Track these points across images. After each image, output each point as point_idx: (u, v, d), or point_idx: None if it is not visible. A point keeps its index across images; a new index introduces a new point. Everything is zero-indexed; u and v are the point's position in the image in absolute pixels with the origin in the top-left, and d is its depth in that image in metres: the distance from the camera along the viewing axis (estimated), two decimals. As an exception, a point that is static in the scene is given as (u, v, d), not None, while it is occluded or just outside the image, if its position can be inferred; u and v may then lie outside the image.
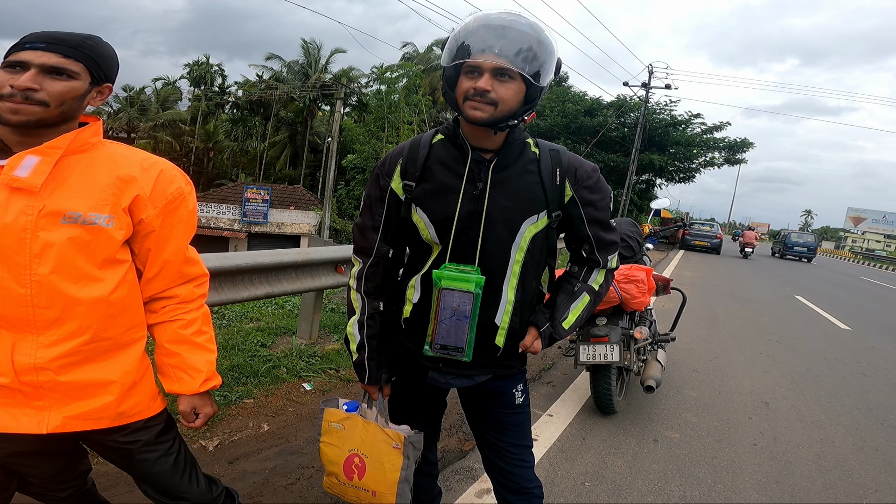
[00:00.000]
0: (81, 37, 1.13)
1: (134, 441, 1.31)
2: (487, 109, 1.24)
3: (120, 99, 38.86)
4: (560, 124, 23.82)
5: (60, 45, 1.09)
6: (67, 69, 1.09)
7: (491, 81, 1.23)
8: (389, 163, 1.44)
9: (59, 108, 1.09)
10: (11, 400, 1.15)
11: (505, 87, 1.24)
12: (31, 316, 1.11)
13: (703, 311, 7.92)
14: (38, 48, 1.08)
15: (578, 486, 2.65)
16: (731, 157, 25.06)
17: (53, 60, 1.08)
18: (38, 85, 1.06)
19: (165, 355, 1.33)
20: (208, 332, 1.37)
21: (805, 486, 2.90)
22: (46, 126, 1.11)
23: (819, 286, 14.67)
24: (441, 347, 1.36)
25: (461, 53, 1.25)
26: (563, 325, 1.49)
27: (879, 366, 5.85)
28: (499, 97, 1.23)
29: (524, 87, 1.26)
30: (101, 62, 1.16)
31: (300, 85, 34.78)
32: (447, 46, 1.29)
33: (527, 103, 1.29)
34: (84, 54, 1.12)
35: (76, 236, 1.11)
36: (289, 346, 4.04)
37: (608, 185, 1.49)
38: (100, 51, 1.16)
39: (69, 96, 1.10)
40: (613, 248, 1.52)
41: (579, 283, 1.53)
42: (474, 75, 1.24)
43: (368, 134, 20.86)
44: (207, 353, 1.35)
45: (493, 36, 1.23)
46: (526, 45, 1.23)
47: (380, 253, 1.46)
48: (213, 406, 1.40)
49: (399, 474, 1.49)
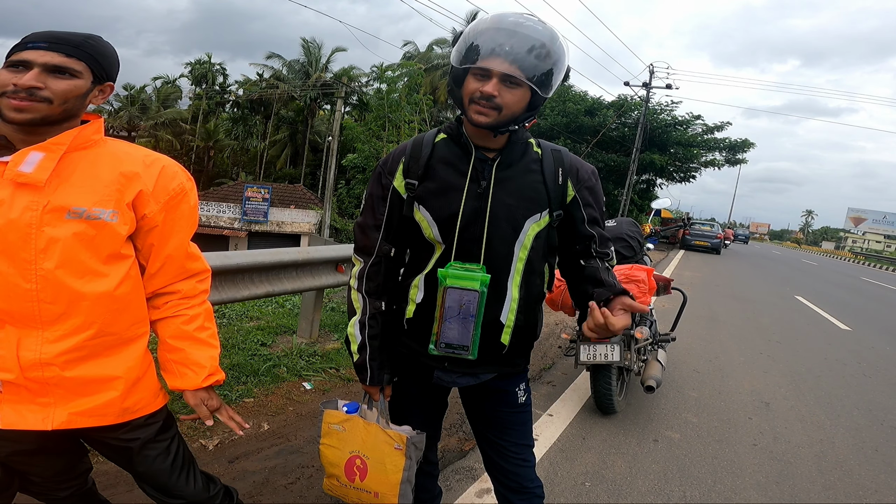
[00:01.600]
0: (83, 36, 1.14)
1: (134, 438, 1.31)
2: (491, 114, 1.24)
3: (121, 97, 38.87)
4: (560, 124, 23.80)
5: (63, 45, 1.10)
6: (70, 68, 1.10)
7: (498, 86, 1.22)
8: (392, 161, 1.44)
9: (62, 105, 1.10)
10: (17, 396, 1.15)
11: (511, 93, 1.23)
12: (37, 311, 1.11)
13: (704, 311, 7.92)
14: (40, 48, 1.08)
15: (578, 486, 2.65)
16: (732, 158, 25.04)
17: (56, 60, 1.09)
18: (41, 83, 1.07)
19: (168, 351, 1.34)
20: (211, 327, 1.38)
21: (805, 486, 2.90)
22: (50, 124, 1.12)
23: (819, 286, 14.67)
24: (446, 346, 1.36)
25: (472, 54, 1.24)
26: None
27: (880, 366, 5.84)
28: (504, 102, 1.23)
29: (529, 94, 1.26)
30: (103, 61, 1.17)
31: (301, 84, 34.77)
32: (458, 44, 1.29)
33: (530, 109, 1.29)
34: (86, 53, 1.13)
35: (81, 231, 1.12)
36: (289, 346, 4.04)
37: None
38: (101, 50, 1.17)
39: (72, 94, 1.11)
40: (610, 243, 1.52)
41: (594, 260, 1.47)
42: (483, 78, 1.24)
43: (369, 133, 20.83)
44: (210, 349, 1.36)
45: (506, 40, 1.21)
46: (538, 53, 1.22)
47: (381, 252, 1.46)
48: (218, 400, 1.40)
49: (401, 475, 1.49)
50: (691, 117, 24.43)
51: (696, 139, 24.26)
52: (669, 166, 24.96)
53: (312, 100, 35.15)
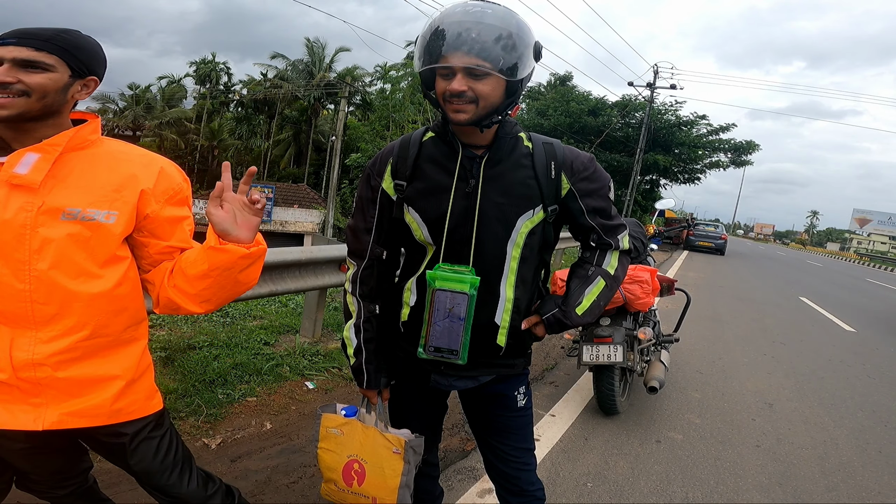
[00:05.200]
0: (55, 30, 1.13)
1: (124, 433, 1.30)
2: (469, 109, 1.21)
3: (126, 97, 38.96)
4: (563, 124, 23.73)
5: (31, 39, 1.09)
6: (41, 62, 1.09)
7: (465, 81, 1.18)
8: (380, 162, 1.41)
9: (41, 100, 1.09)
10: (9, 396, 1.15)
11: (482, 83, 1.19)
12: (30, 311, 1.12)
13: (707, 312, 7.90)
14: (9, 44, 1.08)
15: (580, 487, 2.64)
16: (737, 159, 24.89)
17: (24, 54, 1.07)
18: (13, 78, 1.06)
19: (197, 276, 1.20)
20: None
21: (808, 487, 2.89)
22: (31, 120, 1.10)
23: (824, 288, 14.60)
24: (435, 350, 1.34)
25: (431, 55, 1.20)
26: (577, 310, 1.43)
27: (884, 368, 5.82)
28: (478, 94, 1.19)
29: (503, 80, 1.21)
30: (78, 54, 1.14)
31: (304, 84, 34.82)
32: (416, 49, 1.25)
33: (509, 96, 1.25)
34: (57, 46, 1.11)
35: (75, 232, 1.12)
36: (292, 345, 4.04)
37: (607, 173, 1.44)
38: (75, 43, 1.14)
39: (49, 88, 1.10)
40: (621, 229, 1.47)
41: (593, 268, 1.47)
42: (448, 76, 1.20)
43: (373, 133, 20.85)
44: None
45: (458, 31, 1.17)
46: (497, 37, 1.17)
47: (373, 255, 1.45)
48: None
49: (400, 479, 1.47)
50: (696, 117, 24.30)
51: (700, 140, 24.13)
52: (673, 167, 24.84)
53: (316, 99, 35.20)
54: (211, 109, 39.44)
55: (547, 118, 24.14)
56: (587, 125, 23.87)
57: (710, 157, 24.75)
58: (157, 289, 1.27)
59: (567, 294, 1.47)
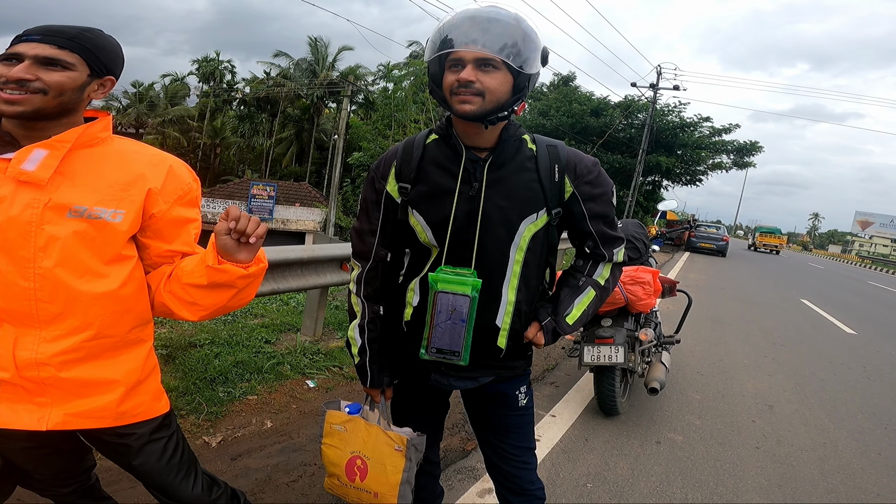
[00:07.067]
0: (79, 29, 1.13)
1: (130, 434, 1.29)
2: (475, 101, 1.22)
3: (129, 94, 39.01)
4: (566, 124, 23.69)
5: (55, 37, 1.09)
6: (62, 60, 1.08)
7: (475, 72, 1.21)
8: (384, 165, 1.42)
9: (57, 98, 1.08)
10: (13, 395, 1.14)
11: (490, 76, 1.22)
12: (34, 310, 1.10)
13: (709, 314, 7.89)
14: (33, 40, 1.07)
15: (580, 487, 2.65)
16: (740, 161, 24.83)
17: (47, 51, 1.07)
18: (32, 75, 1.05)
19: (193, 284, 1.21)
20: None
21: (807, 489, 2.89)
22: (46, 118, 1.10)
23: (825, 290, 14.58)
24: (437, 351, 1.35)
25: (443, 46, 1.24)
26: (567, 320, 1.46)
27: (885, 370, 5.81)
28: (485, 87, 1.21)
29: (510, 76, 1.24)
30: (100, 54, 1.14)
31: (307, 82, 34.84)
32: (429, 43, 1.28)
33: (515, 93, 1.26)
34: (80, 45, 1.11)
35: (81, 230, 1.11)
36: (293, 343, 4.05)
37: (610, 179, 1.45)
38: (97, 43, 1.14)
39: (67, 87, 1.09)
40: (618, 242, 1.48)
41: (584, 278, 1.49)
42: (457, 68, 1.22)
43: (375, 132, 20.83)
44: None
45: (473, 28, 1.21)
46: (507, 35, 1.21)
47: (378, 257, 1.45)
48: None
49: (401, 476, 1.50)
50: (700, 119, 24.25)
51: (703, 141, 24.07)
52: (676, 168, 24.80)
53: (319, 98, 35.23)
54: (214, 107, 39.49)
55: (549, 118, 24.09)
56: (589, 126, 23.82)
57: (712, 159, 24.70)
58: (153, 292, 1.27)
59: (557, 302, 1.49)
